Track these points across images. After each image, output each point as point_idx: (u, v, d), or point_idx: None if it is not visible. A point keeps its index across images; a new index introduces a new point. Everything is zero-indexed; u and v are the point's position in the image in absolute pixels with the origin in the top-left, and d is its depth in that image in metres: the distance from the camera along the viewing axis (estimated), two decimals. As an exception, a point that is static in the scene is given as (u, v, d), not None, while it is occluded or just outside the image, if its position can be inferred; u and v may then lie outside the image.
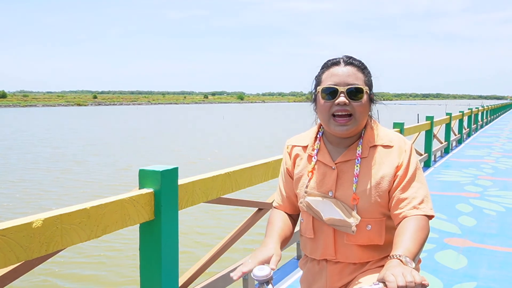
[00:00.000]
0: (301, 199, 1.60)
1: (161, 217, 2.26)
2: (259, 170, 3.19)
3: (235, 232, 3.11)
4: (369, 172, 1.52)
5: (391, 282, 1.09)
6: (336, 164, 1.56)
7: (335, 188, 1.55)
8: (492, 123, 26.52)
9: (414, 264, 1.23)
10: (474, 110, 18.70)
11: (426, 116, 10.44)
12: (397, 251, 1.27)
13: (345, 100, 1.48)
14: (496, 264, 4.05)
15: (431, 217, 1.46)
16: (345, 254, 1.56)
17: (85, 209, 1.91)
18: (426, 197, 1.48)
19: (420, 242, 1.33)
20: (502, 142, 15.27)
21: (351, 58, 1.57)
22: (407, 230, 1.37)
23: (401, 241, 1.33)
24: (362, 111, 1.51)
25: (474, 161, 10.66)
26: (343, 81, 1.51)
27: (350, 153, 1.56)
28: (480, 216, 5.72)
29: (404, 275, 1.10)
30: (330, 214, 1.52)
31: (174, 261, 2.37)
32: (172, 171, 2.32)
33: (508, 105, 51.87)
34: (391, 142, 1.55)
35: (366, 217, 1.51)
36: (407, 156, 1.52)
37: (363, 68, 1.57)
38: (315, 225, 1.60)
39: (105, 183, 12.36)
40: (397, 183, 1.49)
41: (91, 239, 1.96)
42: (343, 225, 1.51)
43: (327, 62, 1.59)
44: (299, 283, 1.77)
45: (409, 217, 1.42)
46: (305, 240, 1.66)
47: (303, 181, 1.62)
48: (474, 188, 7.45)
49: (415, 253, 1.29)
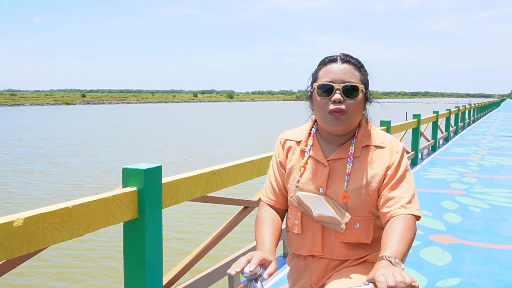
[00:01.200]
0: (292, 193, 1.60)
1: (144, 216, 2.26)
2: (244, 168, 3.20)
3: (221, 230, 3.12)
4: (361, 171, 1.54)
5: (381, 283, 1.10)
6: (329, 161, 1.57)
7: (326, 185, 1.56)
8: (479, 121, 26.78)
9: (403, 265, 1.24)
10: (461, 108, 18.86)
11: (413, 114, 10.52)
12: (386, 252, 1.28)
13: (340, 97, 1.50)
14: (480, 260, 4.10)
15: (418, 218, 1.47)
16: (331, 251, 1.57)
17: (67, 207, 1.91)
18: (414, 198, 1.49)
19: (407, 242, 1.35)
20: (489, 139, 15.44)
21: (348, 56, 1.58)
22: (395, 230, 1.38)
23: (389, 241, 1.34)
24: (356, 109, 1.53)
25: (461, 158, 10.77)
26: (339, 78, 1.52)
27: (343, 151, 1.57)
28: (465, 213, 5.78)
29: (394, 276, 1.11)
30: (320, 211, 1.53)
31: (158, 259, 2.37)
32: (156, 170, 2.32)
33: (495, 103, 52.43)
34: (384, 143, 1.57)
35: (355, 215, 1.52)
36: (398, 157, 1.54)
37: (359, 66, 1.58)
38: (304, 221, 1.60)
39: (85, 185, 11.88)
40: (386, 182, 1.51)
41: (73, 238, 1.95)
42: (332, 222, 1.52)
43: (324, 59, 1.60)
44: (285, 280, 1.79)
45: (397, 216, 1.43)
46: (292, 235, 1.66)
47: (294, 176, 1.62)
48: (460, 186, 7.53)
49: (403, 254, 1.30)
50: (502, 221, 5.43)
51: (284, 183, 1.67)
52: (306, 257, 1.64)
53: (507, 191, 7.12)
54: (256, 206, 3.56)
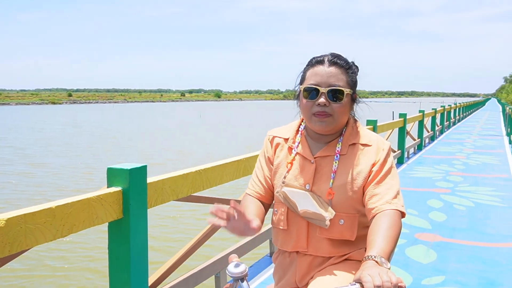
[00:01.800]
0: (278, 189, 1.62)
1: (129, 216, 2.25)
2: (230, 168, 3.19)
3: (207, 230, 3.11)
4: (347, 169, 1.55)
5: (368, 282, 1.10)
6: (315, 158, 1.59)
7: (312, 181, 1.57)
8: (465, 120, 27.09)
9: (389, 264, 1.24)
10: (447, 108, 19.05)
11: (399, 114, 10.61)
12: (372, 252, 1.28)
13: (325, 101, 1.51)
14: (464, 258, 4.14)
15: (404, 215, 1.48)
16: (316, 247, 1.58)
17: (50, 208, 1.89)
18: (399, 194, 1.51)
19: (393, 240, 1.35)
20: (474, 138, 15.62)
21: (336, 57, 1.58)
22: (381, 227, 1.38)
23: (375, 240, 1.34)
24: (341, 112, 1.54)
25: (446, 157, 10.88)
26: (325, 81, 1.53)
27: (330, 149, 1.59)
28: (450, 211, 5.84)
29: (381, 276, 1.12)
30: (306, 206, 1.54)
31: (143, 260, 2.35)
32: (141, 169, 2.31)
33: (480, 103, 53.05)
34: (370, 142, 1.59)
35: (339, 212, 1.53)
36: (384, 154, 1.56)
37: (347, 68, 1.58)
38: (289, 216, 1.61)
39: (68, 186, 11.41)
40: (371, 179, 1.53)
41: (56, 239, 1.93)
42: (317, 218, 1.53)
43: (312, 59, 1.61)
44: (271, 279, 1.79)
45: (382, 212, 1.44)
46: (277, 231, 1.67)
47: (281, 172, 1.64)
48: (446, 184, 7.61)
49: (389, 252, 1.31)
50: (486, 219, 5.50)
51: (271, 178, 1.68)
52: (290, 254, 1.65)
53: (492, 190, 7.21)
54: (242, 205, 3.56)
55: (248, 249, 3.73)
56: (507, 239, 4.73)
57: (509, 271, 3.85)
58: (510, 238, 4.78)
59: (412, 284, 3.53)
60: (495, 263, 4.02)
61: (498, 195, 6.85)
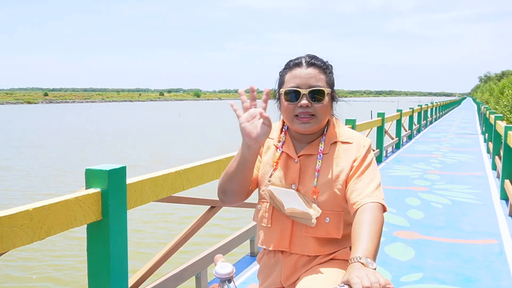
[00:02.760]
0: (264, 187, 1.62)
1: (109, 217, 2.22)
2: (211, 168, 3.18)
3: (187, 231, 3.10)
4: (330, 167, 1.57)
5: (357, 284, 1.11)
6: (299, 157, 1.61)
7: (298, 181, 1.59)
8: (441, 119, 27.53)
9: (375, 264, 1.25)
10: (424, 107, 19.34)
11: (378, 113, 10.73)
12: (357, 253, 1.28)
13: (307, 102, 1.53)
14: (442, 255, 4.21)
15: (385, 209, 1.49)
16: (300, 246, 1.58)
17: (27, 210, 1.85)
18: (379, 187, 1.52)
19: (376, 236, 1.36)
20: (450, 137, 15.89)
21: (313, 59, 1.59)
22: (363, 225, 1.38)
23: (358, 239, 1.34)
24: (324, 112, 1.57)
25: (423, 156, 11.04)
26: (304, 83, 1.55)
27: (313, 148, 1.60)
28: (427, 209, 5.94)
29: (369, 277, 1.13)
30: (292, 205, 1.55)
31: (123, 261, 2.33)
32: (120, 170, 2.28)
33: (456, 102, 54.00)
34: (351, 139, 1.61)
35: (325, 210, 1.55)
36: (365, 150, 1.58)
37: (324, 68, 1.60)
38: (273, 214, 1.62)
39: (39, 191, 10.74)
40: (352, 174, 1.54)
41: (34, 242, 1.90)
42: (303, 217, 1.54)
43: (289, 62, 1.62)
44: (253, 279, 1.79)
45: (363, 206, 1.45)
46: (261, 229, 1.67)
47: (267, 170, 1.65)
48: (423, 182, 7.73)
49: (373, 250, 1.31)
50: (463, 216, 5.60)
51: (259, 167, 1.68)
52: (275, 254, 1.65)
53: (468, 187, 7.35)
54: (223, 205, 3.55)
55: (229, 249, 3.73)
56: (483, 236, 4.83)
57: (485, 267, 3.93)
58: (486, 234, 4.89)
59: (391, 281, 3.56)
60: (471, 260, 4.10)
61: (473, 192, 6.99)
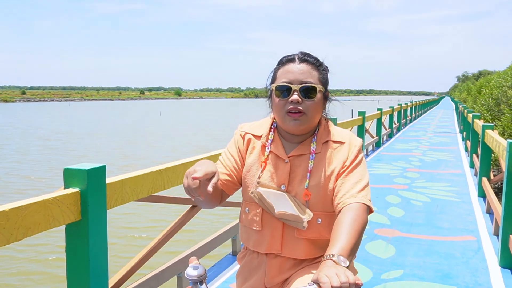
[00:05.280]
0: (252, 189, 1.57)
1: (88, 218, 2.18)
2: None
3: (168, 230, 3.07)
4: (321, 168, 1.53)
5: (325, 283, 1.09)
6: (289, 157, 1.56)
7: (287, 182, 1.55)
8: (420, 117, 27.90)
9: (348, 262, 1.23)
10: (404, 106, 19.56)
11: (358, 112, 10.80)
12: (331, 251, 1.27)
13: (298, 98, 1.49)
14: (421, 252, 4.27)
15: (371, 210, 1.48)
16: (291, 249, 1.55)
17: (4, 211, 1.81)
18: (366, 188, 1.50)
19: (355, 235, 1.33)
20: (429, 136, 16.11)
21: (306, 55, 1.57)
22: (343, 224, 1.36)
23: (335, 237, 1.32)
24: (314, 109, 1.53)
25: (403, 154, 11.17)
26: (296, 78, 1.51)
27: (303, 148, 1.56)
28: (407, 207, 6.00)
29: (338, 275, 1.11)
30: (283, 208, 1.50)
31: (103, 262, 2.29)
32: (100, 170, 2.24)
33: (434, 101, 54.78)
34: (343, 139, 1.58)
35: (317, 211, 1.51)
36: (355, 150, 1.55)
37: (318, 65, 1.57)
38: (264, 217, 1.57)
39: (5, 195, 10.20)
40: (341, 173, 1.52)
41: (10, 243, 1.85)
42: (294, 220, 1.50)
43: (282, 58, 1.59)
44: (233, 279, 1.76)
45: (347, 206, 1.43)
46: (250, 232, 1.62)
47: (254, 171, 1.60)
48: (403, 180, 7.81)
49: (349, 249, 1.28)
50: (441, 213, 5.68)
51: (238, 171, 1.62)
52: (259, 255, 1.61)
53: (446, 185, 7.46)
54: (204, 204, 3.53)
55: (211, 248, 3.71)
56: (461, 233, 4.91)
57: (463, 263, 4.00)
58: (464, 231, 4.96)
59: (372, 279, 3.60)
60: (450, 256, 4.16)
61: (452, 190, 7.09)
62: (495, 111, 13.54)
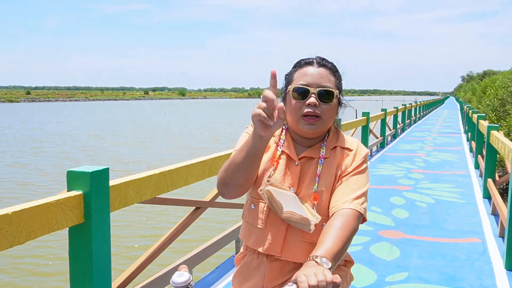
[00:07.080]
0: (262, 187, 1.53)
1: (91, 220, 2.17)
2: (196, 169, 3.15)
3: (172, 232, 3.06)
4: (328, 173, 1.53)
5: (303, 282, 1.10)
6: (300, 159, 1.56)
7: (297, 184, 1.54)
8: (425, 118, 27.82)
9: (330, 264, 1.23)
10: (408, 106, 19.51)
11: (362, 112, 10.78)
12: (315, 252, 1.27)
13: (315, 101, 1.49)
14: (426, 254, 4.24)
15: (364, 220, 1.47)
16: (292, 252, 1.53)
17: (7, 214, 1.80)
18: (363, 197, 1.49)
19: (342, 240, 1.33)
20: (434, 136, 16.06)
21: (324, 60, 1.57)
22: (332, 228, 1.37)
23: (322, 240, 1.33)
24: (330, 114, 1.53)
25: (408, 155, 11.13)
26: (315, 82, 1.51)
27: (313, 151, 1.56)
28: (412, 208, 5.98)
29: (316, 275, 1.11)
30: (292, 209, 1.48)
31: (106, 265, 2.28)
32: (103, 172, 2.23)
33: (439, 101, 54.63)
34: (352, 146, 1.58)
35: (323, 215, 1.51)
36: (360, 159, 1.55)
37: (335, 71, 1.57)
38: (269, 216, 1.55)
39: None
40: (342, 178, 1.52)
41: (13, 246, 1.84)
42: (301, 222, 1.48)
43: (300, 61, 1.59)
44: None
45: (339, 211, 1.43)
46: (252, 229, 1.59)
47: (266, 168, 1.57)
48: (407, 181, 7.78)
49: (334, 253, 1.28)
50: (446, 215, 5.65)
51: None
52: (259, 256, 1.59)
53: (451, 186, 7.42)
54: (208, 206, 3.52)
55: (214, 250, 3.70)
56: (466, 235, 4.88)
57: (469, 265, 3.97)
58: (469, 233, 4.93)
59: (377, 281, 3.58)
60: (455, 258, 4.14)
61: (457, 191, 7.06)
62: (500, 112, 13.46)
